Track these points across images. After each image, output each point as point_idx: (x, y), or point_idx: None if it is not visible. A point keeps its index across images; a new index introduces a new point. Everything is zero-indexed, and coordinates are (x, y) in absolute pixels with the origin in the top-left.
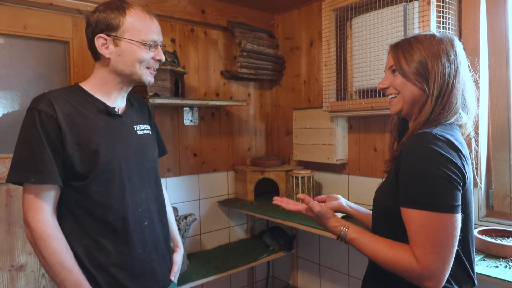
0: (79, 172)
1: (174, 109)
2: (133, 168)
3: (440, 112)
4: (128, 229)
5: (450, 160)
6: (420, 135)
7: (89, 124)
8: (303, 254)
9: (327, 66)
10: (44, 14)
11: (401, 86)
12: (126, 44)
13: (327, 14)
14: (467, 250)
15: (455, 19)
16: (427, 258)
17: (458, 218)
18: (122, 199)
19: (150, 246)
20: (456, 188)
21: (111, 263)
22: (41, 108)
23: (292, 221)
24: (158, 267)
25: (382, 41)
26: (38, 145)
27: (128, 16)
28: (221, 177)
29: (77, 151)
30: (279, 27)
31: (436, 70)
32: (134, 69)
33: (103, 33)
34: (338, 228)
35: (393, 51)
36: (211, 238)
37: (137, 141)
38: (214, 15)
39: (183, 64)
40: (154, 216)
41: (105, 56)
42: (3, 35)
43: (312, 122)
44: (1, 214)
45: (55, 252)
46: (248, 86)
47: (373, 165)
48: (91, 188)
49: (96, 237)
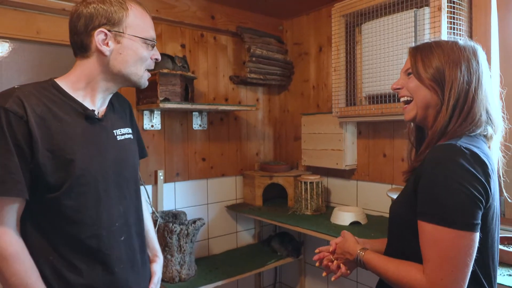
0: (50, 183)
1: (183, 114)
2: (111, 179)
3: (462, 124)
4: (102, 247)
5: (475, 176)
6: (445, 147)
7: (64, 129)
8: (311, 260)
9: (336, 72)
10: (56, 19)
11: (414, 90)
12: (128, 41)
13: (336, 20)
14: (486, 269)
15: (466, 25)
16: (435, 274)
17: (474, 237)
18: (96, 214)
19: (126, 263)
20: (477, 206)
21: (82, 284)
22: (9, 107)
23: (300, 226)
24: (134, 284)
25: (392, 47)
26: (2, 151)
27: (130, 11)
28: (229, 182)
29: (49, 160)
30: (288, 33)
31: (453, 77)
32: (135, 70)
33: (103, 27)
34: (356, 253)
35: (412, 54)
36: (219, 243)
37: (116, 148)
38: (223, 21)
39: (193, 69)
40: (132, 229)
41: (103, 53)
42: (16, 40)
43: (321, 127)
44: None
45: (17, 273)
46: (256, 91)
47: (383, 171)
48: (62, 202)
49: (66, 255)
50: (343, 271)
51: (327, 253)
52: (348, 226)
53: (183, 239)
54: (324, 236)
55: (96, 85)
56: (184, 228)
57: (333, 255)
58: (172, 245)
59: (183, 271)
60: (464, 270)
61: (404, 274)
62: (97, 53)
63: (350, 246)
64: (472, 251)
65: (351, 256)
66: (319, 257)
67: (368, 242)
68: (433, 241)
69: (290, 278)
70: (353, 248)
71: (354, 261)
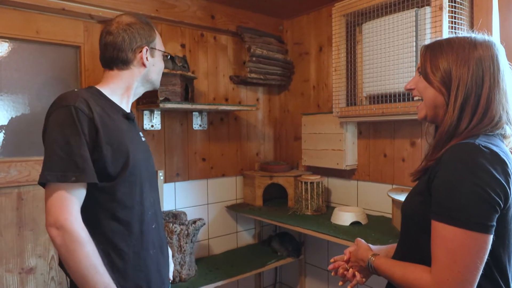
0: (110, 173)
1: (183, 114)
2: (146, 172)
3: (478, 125)
4: (143, 230)
5: (493, 176)
6: (464, 146)
7: (117, 127)
8: (311, 260)
9: (337, 72)
10: (56, 19)
11: (423, 90)
12: (158, 55)
13: (337, 20)
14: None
15: (467, 24)
16: (442, 274)
17: (487, 239)
18: (140, 201)
19: (157, 248)
20: (493, 208)
21: (128, 267)
22: (78, 106)
23: (300, 226)
24: (163, 269)
25: (393, 47)
26: (77, 143)
27: (155, 30)
28: (229, 182)
29: (110, 152)
30: (288, 32)
31: (460, 76)
32: (159, 76)
33: (145, 45)
34: (367, 259)
35: (422, 53)
36: (219, 243)
37: (145, 147)
38: (223, 21)
39: (193, 69)
40: (159, 219)
41: (145, 65)
42: (16, 39)
43: (321, 127)
44: (12, 217)
45: (88, 254)
46: (256, 91)
47: (383, 171)
48: (118, 189)
49: (116, 241)
50: (358, 279)
51: (341, 262)
52: (348, 226)
53: (183, 239)
54: (324, 236)
55: (131, 91)
56: (184, 228)
57: (348, 264)
58: (172, 245)
59: (183, 271)
60: (473, 273)
61: (410, 274)
62: (138, 65)
63: (363, 253)
64: (483, 254)
65: (364, 263)
66: (334, 266)
67: (385, 249)
68: (443, 241)
69: (290, 278)
70: (365, 255)
71: (367, 268)
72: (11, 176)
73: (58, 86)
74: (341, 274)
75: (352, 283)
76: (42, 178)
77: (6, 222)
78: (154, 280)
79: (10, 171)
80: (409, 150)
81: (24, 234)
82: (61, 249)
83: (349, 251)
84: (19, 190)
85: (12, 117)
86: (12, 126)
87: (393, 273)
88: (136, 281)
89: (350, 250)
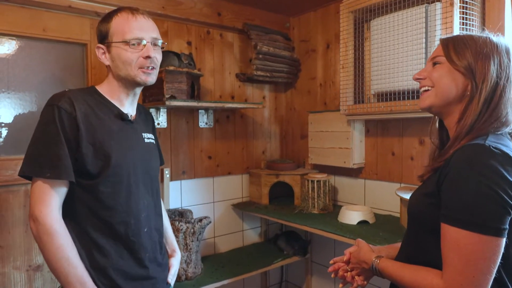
0: (90, 171)
1: (189, 112)
2: (139, 174)
3: (487, 120)
4: (130, 233)
5: (505, 178)
6: (474, 148)
7: (104, 126)
8: (317, 259)
9: (344, 69)
10: (63, 16)
11: (438, 79)
12: (114, 48)
13: (345, 16)
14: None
15: (479, 20)
16: (455, 279)
17: (500, 243)
18: (126, 203)
19: (149, 252)
20: (506, 211)
21: (110, 266)
22: (62, 105)
23: (307, 225)
24: (156, 273)
25: (402, 44)
26: (55, 141)
27: (113, 21)
28: (235, 180)
29: (90, 151)
30: (295, 30)
31: (486, 70)
32: (127, 72)
33: (100, 43)
34: (371, 261)
35: (443, 43)
36: (225, 241)
37: (144, 149)
38: (230, 18)
39: (199, 67)
40: (152, 223)
41: (105, 65)
42: (22, 37)
43: (328, 125)
44: (20, 214)
45: (60, 247)
46: (263, 88)
47: (391, 169)
48: (99, 188)
49: (97, 238)
50: (359, 283)
51: (341, 263)
52: (355, 225)
53: (189, 237)
54: (331, 235)
55: (117, 90)
56: (190, 227)
57: (347, 265)
58: (178, 243)
59: (189, 269)
60: (486, 277)
61: (421, 280)
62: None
63: (366, 255)
64: (496, 257)
65: (366, 265)
66: (334, 268)
67: (384, 249)
68: (456, 245)
69: (296, 277)
70: (368, 257)
71: (370, 270)
72: None
73: (64, 84)
74: (341, 276)
75: (353, 286)
76: (20, 171)
77: (13, 220)
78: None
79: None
80: (418, 148)
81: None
82: (36, 240)
83: (350, 252)
84: (27, 187)
85: (19, 114)
86: (20, 124)
87: (403, 277)
88: (118, 281)
89: (351, 250)
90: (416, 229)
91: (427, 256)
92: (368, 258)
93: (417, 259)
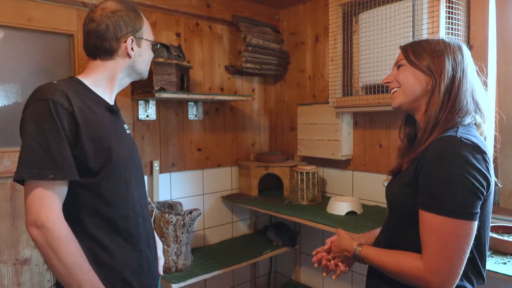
0: (91, 168)
1: (179, 104)
2: (131, 166)
3: (451, 110)
4: (130, 227)
5: (476, 167)
6: (446, 140)
7: (99, 120)
8: (306, 250)
9: (333, 62)
10: (49, 6)
11: (404, 79)
12: (145, 44)
13: (334, 9)
14: (481, 252)
15: (464, 15)
16: (434, 260)
17: (473, 226)
18: (125, 197)
19: (145, 243)
20: (477, 196)
21: (115, 262)
22: (57, 99)
23: (296, 216)
24: (152, 263)
25: (389, 37)
26: (55, 138)
27: (143, 19)
28: (225, 172)
29: (92, 147)
30: (284, 22)
31: (442, 65)
32: (145, 68)
33: (130, 34)
34: (353, 249)
35: (403, 49)
36: (214, 233)
37: (129, 140)
38: (219, 10)
39: (188, 59)
40: (145, 213)
41: (130, 56)
42: (7, 27)
43: (317, 117)
44: (6, 208)
45: (74, 253)
46: (252, 81)
47: (378, 161)
48: (101, 185)
49: (99, 237)
50: (342, 269)
51: (324, 253)
52: (344, 216)
53: (179, 230)
54: (320, 226)
55: (115, 82)
56: (180, 219)
57: (329, 254)
58: (168, 235)
59: (179, 261)
60: (461, 257)
61: (402, 263)
62: (123, 56)
63: (347, 243)
64: (470, 239)
65: (348, 253)
66: (317, 258)
67: (363, 236)
68: (433, 230)
69: (285, 267)
70: (349, 245)
71: (352, 257)
72: (5, 167)
73: (51, 75)
74: (324, 265)
75: (336, 273)
76: (18, 175)
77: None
78: (143, 275)
79: (3, 161)
80: None
81: (18, 225)
82: (43, 248)
83: (331, 241)
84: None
85: (4, 106)
86: (4, 116)
87: (384, 262)
88: (125, 277)
89: (332, 240)
90: (396, 218)
91: (406, 242)
92: (350, 246)
93: (398, 245)
